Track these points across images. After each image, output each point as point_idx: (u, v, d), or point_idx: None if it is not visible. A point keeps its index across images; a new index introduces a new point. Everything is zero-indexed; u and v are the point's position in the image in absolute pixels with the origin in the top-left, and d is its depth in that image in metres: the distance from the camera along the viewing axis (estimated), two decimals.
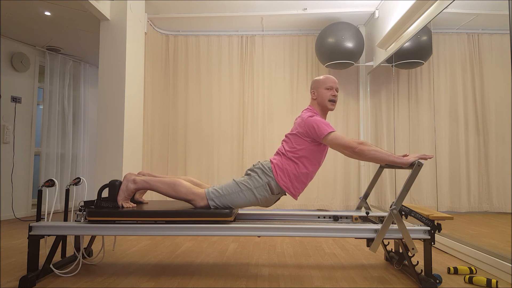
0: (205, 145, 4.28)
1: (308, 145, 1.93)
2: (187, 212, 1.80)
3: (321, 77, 2.08)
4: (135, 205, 1.98)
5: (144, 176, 1.98)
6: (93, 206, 1.88)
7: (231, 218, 1.81)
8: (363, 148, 1.78)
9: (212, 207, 1.89)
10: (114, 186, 1.92)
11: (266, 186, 1.93)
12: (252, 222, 1.97)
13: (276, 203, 4.17)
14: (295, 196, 1.98)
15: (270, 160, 2.00)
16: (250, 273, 1.91)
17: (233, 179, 1.97)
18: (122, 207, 1.88)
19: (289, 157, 1.96)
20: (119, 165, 3.17)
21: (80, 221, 1.86)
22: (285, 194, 2.00)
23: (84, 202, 1.88)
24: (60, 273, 1.87)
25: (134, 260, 2.15)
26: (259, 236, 1.87)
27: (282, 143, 2.06)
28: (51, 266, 1.83)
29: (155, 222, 1.81)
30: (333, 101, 2.04)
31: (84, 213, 1.86)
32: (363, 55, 4.22)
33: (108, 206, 1.86)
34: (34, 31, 3.75)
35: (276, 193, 1.95)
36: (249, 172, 1.99)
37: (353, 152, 1.80)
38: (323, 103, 2.04)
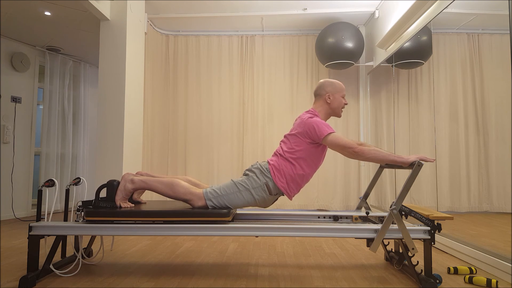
0: (205, 145, 4.28)
1: (307, 146, 1.93)
2: (185, 212, 1.80)
3: (335, 82, 2.05)
4: (133, 205, 1.97)
5: (142, 176, 1.98)
6: (91, 206, 1.88)
7: (229, 218, 1.81)
8: (363, 148, 1.79)
9: (210, 207, 1.89)
10: (112, 186, 1.92)
11: (264, 186, 1.93)
12: (251, 222, 1.97)
13: (275, 202, 4.17)
14: (290, 197, 1.98)
15: (268, 161, 2.00)
16: (250, 273, 1.91)
17: (231, 180, 1.97)
18: (120, 207, 1.88)
19: (286, 158, 1.96)
20: (119, 165, 3.17)
21: (79, 221, 1.86)
22: (283, 195, 2.00)
23: (82, 202, 1.88)
24: (60, 273, 1.87)
25: (134, 260, 2.15)
26: (257, 236, 1.87)
27: (280, 144, 2.05)
28: (51, 266, 1.83)
29: (153, 222, 1.81)
30: (343, 109, 2.09)
31: (82, 213, 1.86)
32: (363, 55, 4.22)
33: (106, 206, 1.86)
34: (34, 31, 3.75)
35: (274, 193, 1.95)
36: (247, 172, 1.99)
37: (353, 152, 1.80)
38: (337, 109, 2.05)
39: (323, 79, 2.09)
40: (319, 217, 2.17)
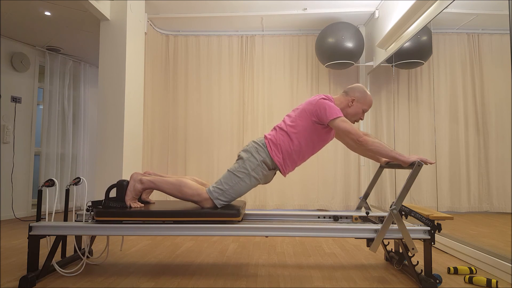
0: (205, 145, 4.28)
1: (310, 124, 1.92)
2: (196, 212, 1.79)
3: (368, 94, 2.00)
4: (143, 205, 1.97)
5: (150, 175, 1.98)
6: (101, 206, 1.88)
7: (239, 218, 1.81)
8: (367, 139, 1.78)
9: (219, 206, 1.89)
10: (121, 186, 1.92)
11: (262, 164, 1.93)
12: (257, 223, 1.95)
13: (276, 203, 4.17)
14: (284, 173, 1.98)
15: (265, 135, 1.99)
16: (250, 273, 1.91)
17: (228, 170, 1.95)
18: (130, 207, 1.88)
19: (286, 131, 1.94)
20: (119, 165, 3.17)
21: (81, 221, 1.85)
22: (279, 170, 2.00)
23: (92, 202, 1.88)
24: (64, 272, 1.87)
25: (134, 260, 2.15)
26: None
27: (284, 117, 2.04)
28: (55, 264, 1.83)
29: (163, 222, 1.80)
30: (356, 121, 2.06)
31: (92, 213, 1.85)
32: (363, 55, 4.22)
33: (116, 206, 1.86)
34: (34, 31, 3.75)
35: (272, 168, 1.96)
36: (242, 155, 1.97)
37: (357, 140, 1.79)
38: (351, 117, 2.01)
39: (361, 84, 2.05)
40: (319, 217, 2.17)
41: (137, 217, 1.80)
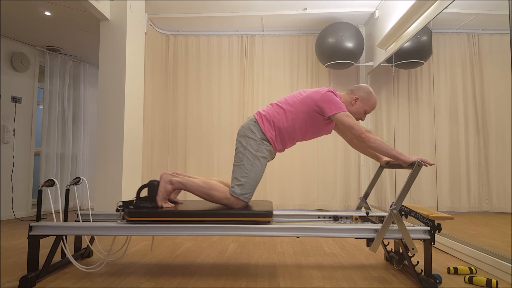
0: (205, 145, 4.28)
1: (310, 111, 1.91)
2: (227, 213, 1.79)
3: (373, 96, 2.00)
4: (174, 205, 1.98)
5: (179, 176, 1.98)
6: (132, 206, 1.88)
7: (271, 218, 1.80)
8: (369, 135, 1.78)
9: (247, 200, 1.89)
10: (153, 186, 1.92)
11: (262, 141, 1.92)
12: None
13: (276, 203, 4.17)
14: (274, 151, 1.98)
15: (258, 111, 1.99)
16: (250, 273, 1.91)
17: (235, 164, 1.94)
18: (162, 207, 1.88)
19: (283, 108, 1.93)
20: (119, 165, 3.17)
21: (117, 221, 1.85)
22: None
23: (123, 202, 1.88)
24: (84, 268, 1.87)
25: (134, 260, 2.15)
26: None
27: (287, 96, 2.01)
28: (71, 259, 1.80)
29: (195, 222, 1.80)
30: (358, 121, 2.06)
31: (122, 213, 1.86)
32: (363, 55, 4.22)
33: (148, 206, 1.87)
34: (34, 31, 3.75)
35: (270, 142, 1.96)
36: (240, 141, 1.96)
37: (359, 136, 1.79)
38: (353, 115, 2.01)
39: (368, 85, 2.04)
40: (319, 217, 2.17)
41: (169, 217, 1.80)
